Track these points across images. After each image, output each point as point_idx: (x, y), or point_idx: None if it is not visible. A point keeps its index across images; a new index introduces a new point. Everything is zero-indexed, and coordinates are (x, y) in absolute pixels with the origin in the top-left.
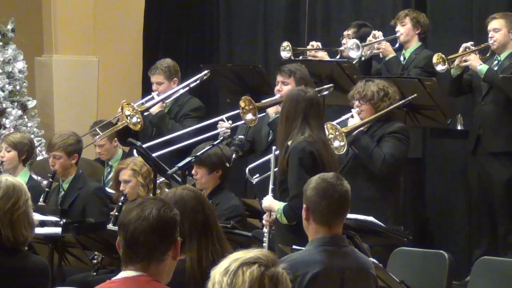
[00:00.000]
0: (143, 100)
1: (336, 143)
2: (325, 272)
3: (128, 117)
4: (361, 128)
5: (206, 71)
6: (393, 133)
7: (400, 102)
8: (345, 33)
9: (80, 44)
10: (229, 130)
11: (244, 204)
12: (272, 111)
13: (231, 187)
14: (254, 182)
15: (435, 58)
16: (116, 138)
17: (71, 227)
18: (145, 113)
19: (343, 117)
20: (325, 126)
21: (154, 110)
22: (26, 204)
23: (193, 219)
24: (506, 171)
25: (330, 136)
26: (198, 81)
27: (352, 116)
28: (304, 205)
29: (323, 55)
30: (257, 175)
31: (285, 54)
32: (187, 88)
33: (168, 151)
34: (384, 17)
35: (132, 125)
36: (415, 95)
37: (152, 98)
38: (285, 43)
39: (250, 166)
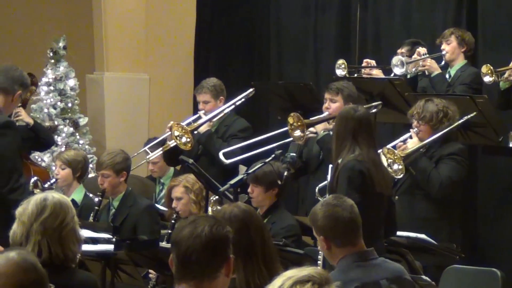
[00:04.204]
0: (190, 120)
1: (395, 167)
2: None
3: (178, 138)
4: (420, 150)
5: (251, 89)
6: (451, 155)
7: (459, 121)
8: (399, 51)
9: (131, 62)
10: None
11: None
12: (320, 128)
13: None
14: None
15: (484, 69)
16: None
17: (123, 244)
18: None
19: (402, 138)
20: (381, 151)
21: (202, 129)
22: (73, 220)
23: (236, 242)
24: None
25: (389, 160)
26: (243, 99)
27: (410, 137)
28: (321, 237)
29: (378, 73)
30: (326, 195)
31: (340, 72)
32: (233, 106)
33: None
34: (435, 34)
35: (183, 145)
36: (475, 113)
37: (199, 117)
38: (340, 61)
39: (320, 185)
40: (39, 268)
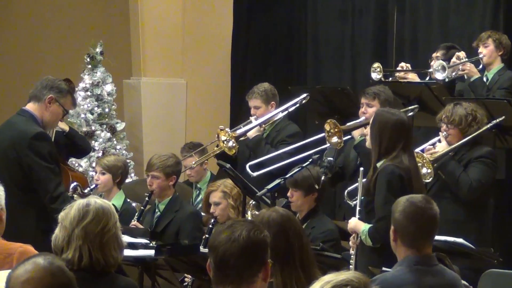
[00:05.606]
0: (241, 125)
1: (423, 170)
2: None
3: (224, 142)
4: (449, 153)
5: (305, 95)
6: (480, 158)
7: (488, 125)
8: (434, 55)
9: (168, 67)
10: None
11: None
12: (357, 134)
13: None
14: (352, 205)
15: None
16: (206, 161)
17: (164, 249)
18: (242, 138)
19: (431, 141)
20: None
21: (251, 134)
22: (115, 226)
23: (275, 246)
24: None
25: (419, 164)
26: (297, 105)
27: (439, 141)
28: (392, 227)
29: (413, 77)
30: (357, 197)
31: (375, 75)
32: (286, 112)
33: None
34: (472, 38)
35: (228, 150)
36: (503, 117)
37: (250, 122)
38: (376, 64)
39: (349, 188)
40: (66, 271)
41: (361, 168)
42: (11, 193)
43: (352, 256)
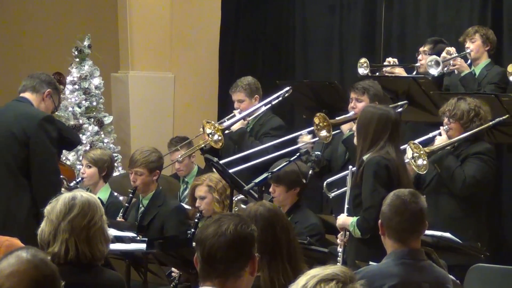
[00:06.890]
0: (225, 118)
1: (419, 162)
2: (402, 286)
3: (210, 135)
4: (448, 147)
5: (288, 88)
6: (478, 154)
7: (491, 123)
8: (421, 49)
9: (156, 61)
10: (310, 145)
11: (321, 220)
12: (346, 128)
13: (307, 203)
14: (331, 197)
15: (510, 68)
16: (194, 155)
17: (156, 243)
18: (226, 131)
19: (431, 134)
20: (408, 144)
21: (235, 127)
22: (101, 219)
23: (262, 240)
24: None
25: (415, 154)
26: (280, 98)
27: (440, 134)
28: (379, 220)
29: (400, 71)
30: (335, 189)
31: (362, 70)
32: (269, 105)
33: (246, 167)
34: (460, 33)
35: (214, 143)
36: (507, 116)
37: (234, 116)
38: (362, 60)
39: (328, 180)
40: (49, 263)
41: (350, 166)
42: (9, 173)
43: (339, 253)
